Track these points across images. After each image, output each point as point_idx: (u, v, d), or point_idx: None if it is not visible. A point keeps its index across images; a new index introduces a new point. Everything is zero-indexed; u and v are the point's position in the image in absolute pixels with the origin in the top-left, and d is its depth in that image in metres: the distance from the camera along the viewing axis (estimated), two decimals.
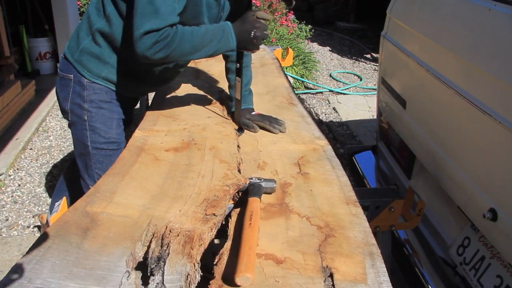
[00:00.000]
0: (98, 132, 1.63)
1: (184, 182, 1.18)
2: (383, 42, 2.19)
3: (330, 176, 1.33)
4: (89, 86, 1.58)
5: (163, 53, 1.31)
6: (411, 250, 1.83)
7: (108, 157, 1.67)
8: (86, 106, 1.60)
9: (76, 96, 1.60)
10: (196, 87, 1.99)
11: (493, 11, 1.39)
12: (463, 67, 1.50)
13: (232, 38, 1.39)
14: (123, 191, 1.11)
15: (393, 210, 1.56)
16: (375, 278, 0.92)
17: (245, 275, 0.85)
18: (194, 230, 0.96)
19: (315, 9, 8.07)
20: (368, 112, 4.40)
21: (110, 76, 1.57)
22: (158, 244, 0.93)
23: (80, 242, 0.92)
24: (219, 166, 1.29)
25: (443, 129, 1.63)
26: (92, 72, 1.56)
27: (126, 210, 1.03)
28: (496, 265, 1.44)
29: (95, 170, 1.69)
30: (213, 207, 1.06)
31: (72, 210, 1.02)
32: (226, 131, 1.55)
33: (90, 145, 1.64)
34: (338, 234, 1.06)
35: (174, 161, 1.30)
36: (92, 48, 1.53)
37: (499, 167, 1.31)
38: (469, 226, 1.59)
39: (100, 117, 1.62)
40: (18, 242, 2.40)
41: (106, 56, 1.54)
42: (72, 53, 1.59)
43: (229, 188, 1.16)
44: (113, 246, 0.92)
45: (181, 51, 1.35)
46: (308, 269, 0.93)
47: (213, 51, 1.40)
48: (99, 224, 0.98)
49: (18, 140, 3.41)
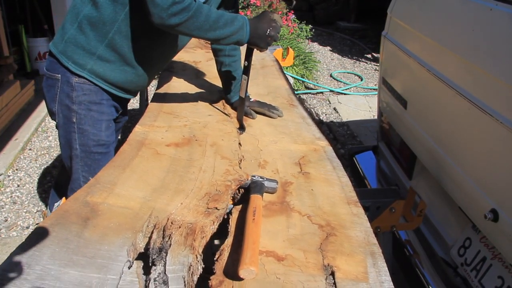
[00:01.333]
0: (87, 134, 1.58)
1: (186, 176, 1.18)
2: (383, 42, 2.19)
3: (331, 176, 1.33)
4: (78, 87, 1.52)
5: (179, 18, 1.29)
6: (412, 251, 1.83)
7: (97, 161, 1.64)
8: (75, 108, 1.54)
9: (65, 97, 1.54)
10: (197, 85, 1.99)
11: (495, 10, 1.39)
12: (464, 67, 1.50)
13: (247, 31, 1.41)
14: (124, 183, 1.11)
15: (394, 210, 1.56)
16: (376, 277, 0.92)
17: (249, 268, 0.86)
18: (196, 223, 0.97)
19: (315, 9, 8.07)
20: (369, 112, 4.40)
21: (96, 68, 1.50)
22: (160, 235, 0.92)
23: (80, 231, 0.91)
24: (221, 162, 1.29)
25: (444, 130, 1.63)
26: (76, 64, 1.49)
27: (127, 202, 1.03)
28: (497, 266, 1.43)
29: (82, 173, 1.65)
30: (215, 201, 1.06)
31: (72, 200, 1.01)
32: (227, 129, 1.55)
33: (79, 147, 1.60)
34: (339, 233, 1.06)
35: (175, 156, 1.30)
36: (78, 38, 1.47)
37: (500, 167, 1.31)
38: (470, 226, 1.59)
39: (89, 119, 1.57)
40: (18, 243, 2.36)
41: (92, 46, 1.47)
42: (56, 46, 1.53)
43: (231, 183, 1.16)
44: (114, 236, 0.91)
45: (196, 23, 1.33)
46: (310, 266, 0.94)
47: (225, 36, 1.39)
48: (99, 214, 0.97)
49: (17, 140, 3.40)
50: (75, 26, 1.48)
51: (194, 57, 2.42)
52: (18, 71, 4.37)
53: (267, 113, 1.72)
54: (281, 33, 5.02)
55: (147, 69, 1.60)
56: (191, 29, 1.35)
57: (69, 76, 1.51)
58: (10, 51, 4.07)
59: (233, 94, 1.82)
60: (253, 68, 2.32)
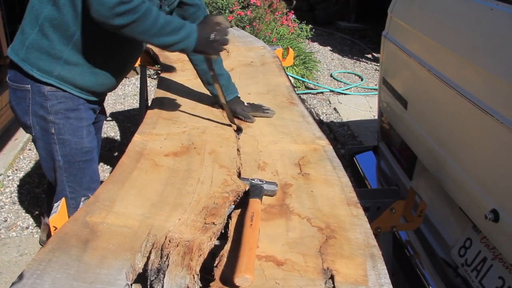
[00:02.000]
0: (68, 144, 1.52)
1: (184, 189, 1.18)
2: (384, 42, 2.18)
3: (331, 176, 1.33)
4: (52, 95, 1.44)
5: (124, 19, 1.22)
6: (412, 251, 1.82)
7: (82, 169, 1.59)
8: (52, 118, 1.47)
9: (38, 108, 1.46)
10: (196, 86, 1.99)
11: (495, 10, 1.38)
12: (464, 67, 1.49)
13: (193, 39, 1.34)
14: (123, 199, 1.11)
15: (394, 211, 1.55)
16: (376, 280, 0.92)
17: (245, 276, 0.85)
18: (193, 240, 0.96)
19: (315, 9, 8.06)
20: (369, 112, 4.39)
21: (64, 73, 1.42)
22: (158, 255, 0.93)
23: (80, 255, 0.91)
24: (219, 172, 1.28)
25: (445, 130, 1.62)
26: (42, 71, 1.40)
27: (125, 220, 1.03)
28: (498, 266, 1.43)
29: (67, 184, 1.59)
30: (212, 216, 1.05)
31: (72, 221, 1.01)
32: (225, 134, 1.54)
33: (61, 159, 1.53)
34: (339, 236, 1.06)
35: (173, 166, 1.30)
36: (41, 42, 1.38)
37: (501, 167, 1.31)
38: (470, 227, 1.58)
39: (69, 127, 1.50)
40: (17, 243, 2.39)
41: (57, 50, 1.39)
42: (16, 53, 1.42)
43: (229, 195, 1.15)
44: (113, 258, 0.91)
45: (141, 27, 1.26)
46: (309, 271, 0.93)
47: (171, 43, 1.33)
48: (98, 235, 0.97)
49: (17, 140, 3.39)
50: (36, 30, 1.38)
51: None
52: None
53: (262, 115, 1.71)
54: (281, 33, 5.03)
55: (117, 70, 1.55)
56: (135, 33, 1.28)
57: (39, 85, 1.43)
58: None
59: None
60: (253, 66, 2.33)
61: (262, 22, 4.86)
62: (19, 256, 2.30)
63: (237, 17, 4.79)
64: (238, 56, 2.48)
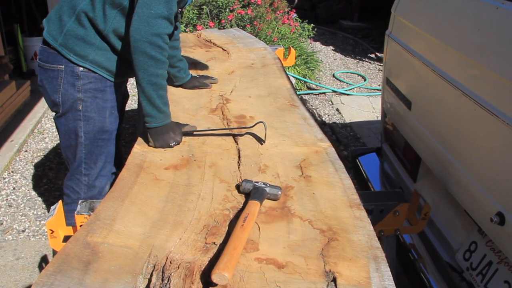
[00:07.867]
0: (92, 122, 1.64)
1: (184, 205, 1.16)
2: (387, 41, 2.17)
3: (333, 179, 1.31)
4: (84, 76, 1.58)
5: (151, 49, 1.37)
6: (416, 255, 1.81)
7: (100, 147, 1.70)
8: (81, 96, 1.60)
9: (70, 87, 1.59)
10: (195, 94, 1.95)
11: (501, 9, 1.37)
12: (470, 67, 1.48)
13: (162, 122, 1.45)
14: (123, 217, 1.09)
15: (398, 214, 1.53)
16: (379, 282, 0.91)
17: (222, 273, 0.85)
18: (194, 262, 0.95)
19: (317, 8, 8.04)
20: (372, 113, 4.37)
21: (98, 58, 1.58)
22: (159, 277, 0.91)
23: (82, 278, 0.89)
24: (219, 187, 1.26)
25: (449, 131, 1.61)
26: (78, 55, 1.56)
27: (126, 240, 1.01)
28: (503, 270, 1.41)
29: (84, 161, 1.70)
30: (213, 235, 1.04)
31: (73, 241, 1.00)
32: (226, 145, 1.51)
33: (83, 135, 1.65)
34: (341, 238, 1.04)
35: (173, 181, 1.27)
36: (77, 30, 1.53)
37: (507, 170, 1.29)
38: (476, 230, 1.57)
39: (95, 106, 1.63)
40: (13, 247, 2.37)
41: (92, 37, 1.54)
42: (55, 38, 1.56)
43: (229, 212, 1.14)
44: (115, 281, 0.89)
45: (153, 67, 1.40)
46: (311, 273, 0.92)
47: (153, 100, 1.43)
48: (100, 256, 0.96)
49: (13, 142, 3.36)
50: (73, 18, 1.52)
51: (193, 57, 2.39)
52: (14, 71, 4.32)
53: (212, 81, 1.99)
54: (282, 32, 5.01)
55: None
56: (144, 65, 1.40)
57: (72, 65, 1.57)
58: (5, 50, 4.02)
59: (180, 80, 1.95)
60: (254, 68, 2.30)
61: (263, 21, 4.83)
62: (15, 260, 2.28)
63: (238, 16, 4.74)
64: (239, 58, 2.46)
